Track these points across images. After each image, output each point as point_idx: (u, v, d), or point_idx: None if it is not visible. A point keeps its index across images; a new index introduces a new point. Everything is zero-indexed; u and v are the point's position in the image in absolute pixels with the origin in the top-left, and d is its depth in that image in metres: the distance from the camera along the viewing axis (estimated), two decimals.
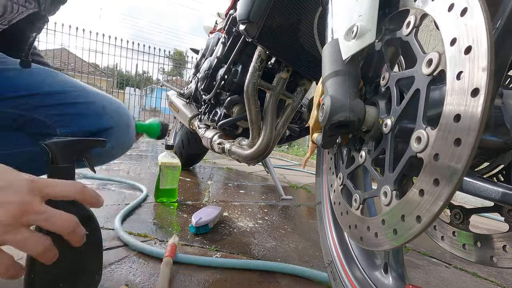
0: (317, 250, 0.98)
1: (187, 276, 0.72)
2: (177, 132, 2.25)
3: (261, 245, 0.97)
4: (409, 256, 1.05)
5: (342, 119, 0.41)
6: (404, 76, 0.37)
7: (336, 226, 0.65)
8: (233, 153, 1.02)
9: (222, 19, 1.56)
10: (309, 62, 0.90)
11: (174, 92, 1.91)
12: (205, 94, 1.23)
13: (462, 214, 0.50)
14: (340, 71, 0.44)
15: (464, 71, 0.27)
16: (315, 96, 0.55)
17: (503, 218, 0.45)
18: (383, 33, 0.43)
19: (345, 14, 0.44)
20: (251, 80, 0.87)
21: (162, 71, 9.48)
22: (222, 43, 1.17)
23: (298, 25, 0.84)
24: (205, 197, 1.51)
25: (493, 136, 0.41)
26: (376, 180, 0.39)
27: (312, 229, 1.20)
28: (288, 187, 2.09)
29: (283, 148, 4.90)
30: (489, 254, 0.43)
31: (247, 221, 1.20)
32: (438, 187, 0.28)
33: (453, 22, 0.29)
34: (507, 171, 0.46)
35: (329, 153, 0.58)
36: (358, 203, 0.44)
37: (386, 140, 0.38)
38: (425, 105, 0.32)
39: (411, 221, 0.31)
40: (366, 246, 0.39)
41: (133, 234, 0.92)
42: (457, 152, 0.26)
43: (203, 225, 1.00)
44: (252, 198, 1.62)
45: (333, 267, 0.60)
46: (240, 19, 0.80)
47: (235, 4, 1.13)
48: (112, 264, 0.73)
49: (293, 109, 0.96)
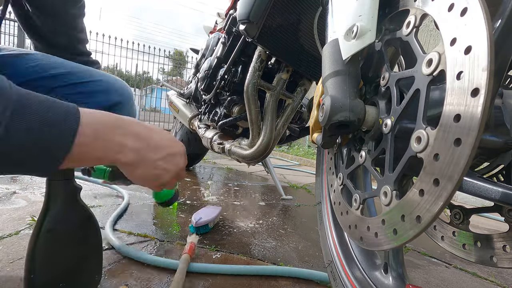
0: (317, 250, 0.98)
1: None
2: (177, 132, 2.25)
3: (261, 245, 0.97)
4: (409, 256, 1.05)
5: (342, 119, 0.41)
6: (404, 76, 0.37)
7: (336, 226, 0.65)
8: (233, 153, 1.02)
9: (222, 19, 1.55)
10: (309, 62, 0.90)
11: (174, 92, 1.91)
12: (205, 94, 1.23)
13: (462, 214, 0.50)
14: (340, 71, 0.44)
15: (464, 71, 0.27)
16: (315, 96, 0.55)
17: (503, 218, 0.45)
18: (383, 33, 0.43)
19: (345, 14, 0.44)
20: (251, 80, 0.87)
21: (162, 71, 9.48)
22: (222, 43, 1.17)
23: (298, 25, 0.84)
24: (205, 197, 1.51)
25: (493, 136, 0.41)
26: (376, 180, 0.39)
27: (312, 229, 1.20)
28: (288, 187, 2.09)
29: (283, 148, 4.90)
30: (489, 254, 0.43)
31: (247, 221, 1.20)
32: (438, 187, 0.28)
33: (453, 22, 0.29)
34: (507, 171, 0.46)
35: (329, 153, 0.58)
36: (358, 203, 0.44)
37: (386, 140, 0.38)
38: (425, 105, 0.32)
39: (411, 221, 0.31)
40: (366, 246, 0.39)
41: (133, 234, 0.92)
42: (457, 152, 0.26)
43: (203, 225, 1.00)
44: (252, 198, 1.62)
45: (333, 267, 0.60)
46: (240, 19, 0.80)
47: (235, 4, 1.13)
48: (112, 264, 0.73)
49: (293, 109, 0.96)
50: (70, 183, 0.54)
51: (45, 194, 0.53)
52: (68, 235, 0.54)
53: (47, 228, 0.51)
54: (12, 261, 0.68)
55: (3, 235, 0.81)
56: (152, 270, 0.73)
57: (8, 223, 0.90)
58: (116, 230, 0.94)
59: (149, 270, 0.73)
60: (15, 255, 0.71)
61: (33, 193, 1.24)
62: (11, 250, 0.73)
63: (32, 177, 1.51)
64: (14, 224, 0.89)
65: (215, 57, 1.15)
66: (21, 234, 0.83)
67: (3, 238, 0.79)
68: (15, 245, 0.76)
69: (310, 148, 4.84)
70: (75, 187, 0.55)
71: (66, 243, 0.53)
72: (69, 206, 0.54)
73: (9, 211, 1.00)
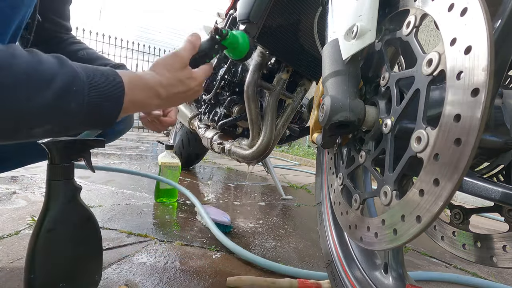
0: (317, 250, 0.98)
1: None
2: (177, 132, 2.25)
3: (261, 245, 0.97)
4: (409, 256, 1.05)
5: (342, 119, 0.41)
6: (404, 76, 0.37)
7: (336, 226, 0.65)
8: (233, 153, 1.02)
9: (222, 19, 1.55)
10: (309, 62, 0.90)
11: None
12: (205, 94, 1.23)
13: (462, 214, 0.50)
14: (340, 71, 0.44)
15: (464, 71, 0.27)
16: (315, 96, 0.55)
17: (503, 218, 0.45)
18: (383, 33, 0.43)
19: (345, 14, 0.44)
20: (251, 80, 0.87)
21: None
22: None
23: (298, 25, 0.84)
24: (205, 197, 1.51)
25: (493, 136, 0.41)
26: (376, 180, 0.39)
27: (312, 229, 1.20)
28: (288, 187, 2.09)
29: (283, 148, 4.90)
30: (489, 254, 0.43)
31: (247, 221, 1.20)
32: (438, 187, 0.28)
33: (453, 22, 0.29)
34: (507, 171, 0.46)
35: (329, 153, 0.58)
36: (358, 203, 0.44)
37: (386, 140, 0.38)
38: (425, 105, 0.32)
39: (411, 221, 0.31)
40: (366, 246, 0.39)
41: (133, 234, 0.92)
42: (457, 152, 0.26)
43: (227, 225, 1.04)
44: (252, 198, 1.62)
45: (333, 267, 0.60)
46: (240, 19, 0.80)
47: (235, 4, 1.12)
48: (112, 264, 0.73)
49: (293, 109, 0.96)
50: (70, 183, 0.54)
51: (45, 194, 0.53)
52: (68, 235, 0.54)
53: (47, 228, 0.51)
54: (12, 261, 0.68)
55: (3, 235, 0.81)
56: (151, 270, 0.73)
57: (8, 223, 0.90)
58: (115, 230, 0.94)
59: (149, 271, 0.73)
60: (15, 255, 0.71)
61: (33, 193, 1.24)
62: (11, 250, 0.73)
63: (32, 177, 1.52)
64: (14, 224, 0.89)
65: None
66: (21, 234, 0.83)
67: (3, 238, 0.80)
68: (15, 245, 0.76)
69: (310, 148, 4.84)
70: (75, 187, 0.55)
71: (66, 243, 0.53)
72: (69, 206, 0.54)
73: (9, 211, 1.00)
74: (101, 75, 0.41)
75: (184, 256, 0.82)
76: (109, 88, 0.42)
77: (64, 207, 0.53)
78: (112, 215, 1.07)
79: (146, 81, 0.48)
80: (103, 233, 0.89)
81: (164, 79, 0.50)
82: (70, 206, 0.54)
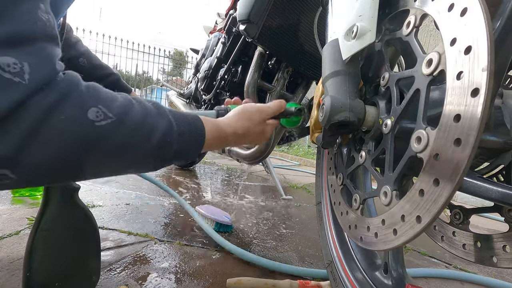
0: (317, 250, 0.98)
1: None
2: None
3: (261, 245, 0.97)
4: (409, 256, 1.05)
5: (342, 119, 0.41)
6: (404, 76, 0.37)
7: (336, 226, 0.65)
8: (233, 153, 1.02)
9: (222, 19, 1.55)
10: (309, 62, 0.90)
11: (174, 92, 1.91)
12: (205, 94, 1.23)
13: (462, 214, 0.50)
14: (340, 71, 0.44)
15: (464, 71, 0.27)
16: (315, 96, 0.55)
17: (503, 218, 0.45)
18: (383, 33, 0.43)
19: (345, 14, 0.44)
20: (251, 80, 0.87)
21: (162, 71, 9.47)
22: (222, 43, 1.17)
23: (298, 25, 0.84)
24: (205, 197, 1.51)
25: (493, 136, 0.41)
26: (376, 180, 0.39)
27: (312, 229, 1.20)
28: (288, 187, 2.09)
29: (283, 148, 4.90)
30: (489, 254, 0.43)
31: (247, 221, 1.20)
32: (438, 187, 0.28)
33: (453, 22, 0.29)
34: (507, 171, 0.45)
35: (329, 153, 0.58)
36: (358, 203, 0.44)
37: (386, 140, 0.38)
38: (425, 105, 0.32)
39: (411, 221, 0.31)
40: (366, 246, 0.39)
41: (133, 234, 0.92)
42: (457, 152, 0.26)
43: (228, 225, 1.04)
44: (252, 198, 1.62)
45: (333, 267, 0.60)
46: (240, 19, 0.80)
47: (235, 4, 1.13)
48: (112, 264, 0.73)
49: None
50: (67, 183, 0.54)
51: (43, 194, 0.53)
52: (65, 235, 0.54)
53: (44, 227, 0.51)
54: (12, 261, 0.68)
55: (3, 235, 0.81)
56: (151, 271, 0.73)
57: (8, 223, 0.89)
58: (115, 230, 0.94)
59: (148, 271, 0.73)
60: (15, 255, 0.71)
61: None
62: (11, 250, 0.73)
63: None
64: (14, 224, 0.89)
65: (215, 57, 1.15)
66: (21, 234, 0.83)
67: (3, 238, 0.79)
68: (15, 245, 0.76)
69: (310, 148, 4.84)
70: (72, 187, 0.55)
71: (63, 243, 0.53)
72: (66, 206, 0.54)
73: (9, 211, 1.00)
74: (187, 124, 0.43)
75: (184, 256, 0.82)
76: (193, 137, 0.44)
77: (61, 207, 0.53)
78: (112, 215, 1.07)
79: (224, 133, 0.50)
80: (103, 233, 0.90)
81: (240, 129, 0.53)
82: (67, 206, 0.54)
